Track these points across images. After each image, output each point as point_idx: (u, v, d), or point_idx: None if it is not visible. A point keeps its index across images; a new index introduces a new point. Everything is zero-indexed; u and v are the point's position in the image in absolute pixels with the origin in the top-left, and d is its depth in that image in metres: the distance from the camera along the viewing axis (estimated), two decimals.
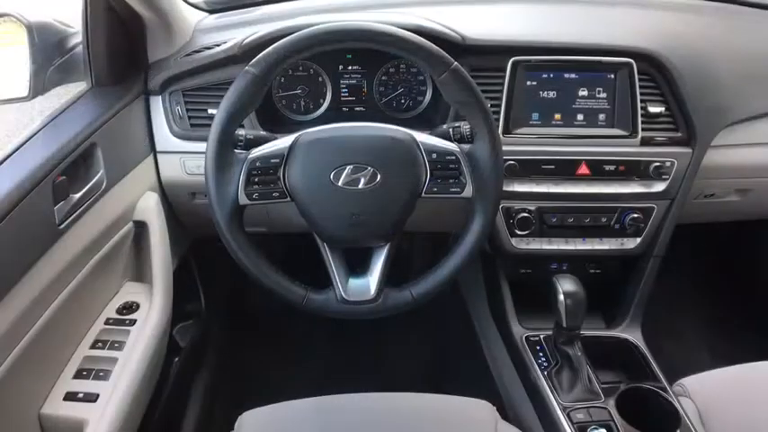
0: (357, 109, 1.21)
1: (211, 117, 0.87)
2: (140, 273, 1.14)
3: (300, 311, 0.93)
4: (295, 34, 0.85)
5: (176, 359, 1.37)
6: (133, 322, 1.04)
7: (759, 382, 1.07)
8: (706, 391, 1.07)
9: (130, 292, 1.11)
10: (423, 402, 1.01)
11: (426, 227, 1.33)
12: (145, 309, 1.07)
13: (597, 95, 1.15)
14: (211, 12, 1.36)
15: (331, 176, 0.85)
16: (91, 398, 0.91)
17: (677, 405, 1.04)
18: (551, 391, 1.07)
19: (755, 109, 1.25)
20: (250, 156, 0.86)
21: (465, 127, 0.94)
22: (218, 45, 1.17)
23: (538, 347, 1.18)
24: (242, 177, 0.85)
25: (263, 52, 0.85)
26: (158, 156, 1.16)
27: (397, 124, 0.91)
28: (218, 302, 1.63)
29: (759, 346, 1.28)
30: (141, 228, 1.11)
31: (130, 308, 1.07)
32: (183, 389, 1.43)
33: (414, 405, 1.00)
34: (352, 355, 1.71)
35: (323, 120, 1.13)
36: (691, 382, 1.09)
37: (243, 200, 0.86)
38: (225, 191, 0.86)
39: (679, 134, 1.17)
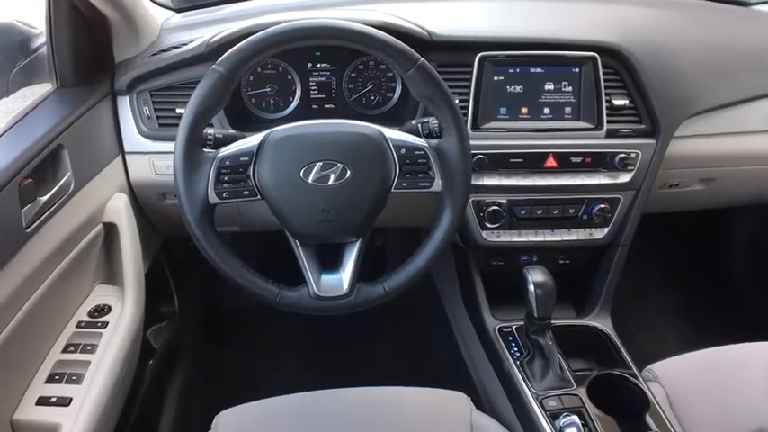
0: (327, 106, 1.21)
1: (180, 117, 0.86)
2: (111, 275, 1.14)
3: (275, 309, 0.93)
4: (262, 32, 0.85)
5: (150, 361, 1.36)
6: (105, 325, 1.04)
7: (725, 365, 1.11)
8: (674, 375, 1.10)
9: (102, 294, 1.10)
10: (398, 395, 1.02)
11: (399, 222, 1.35)
12: (117, 311, 1.07)
13: (563, 89, 1.17)
14: (178, 10, 1.35)
15: (301, 173, 0.86)
16: (64, 402, 0.91)
17: (646, 390, 1.06)
18: (524, 380, 1.08)
19: (717, 100, 1.28)
20: (219, 154, 0.86)
21: (433, 122, 0.96)
22: (185, 44, 1.16)
23: (510, 338, 1.19)
24: (211, 176, 0.85)
25: (230, 51, 0.85)
26: (127, 156, 1.15)
27: (367, 121, 0.92)
28: (191, 303, 1.62)
29: (725, 330, 1.32)
30: (111, 229, 1.10)
31: (102, 310, 1.06)
32: (158, 390, 1.42)
33: (389, 398, 1.01)
34: (328, 352, 1.71)
35: (293, 117, 1.14)
36: (659, 367, 1.11)
37: (213, 199, 0.86)
38: (194, 190, 0.86)
39: (643, 126, 1.20)
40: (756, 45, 1.39)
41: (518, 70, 1.17)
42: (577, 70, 1.17)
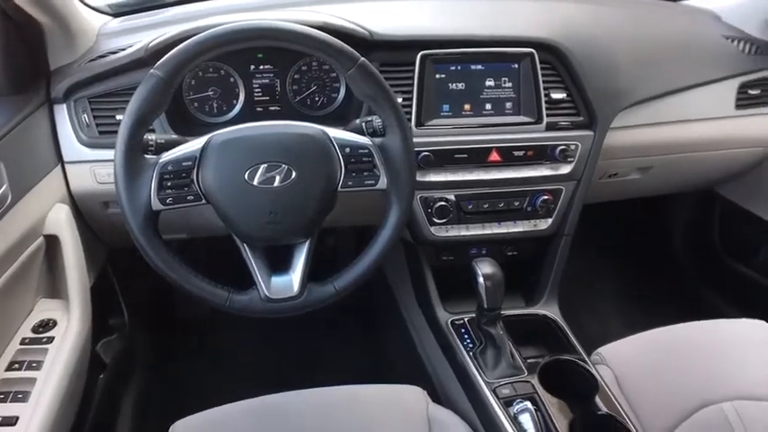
0: (271, 108, 1.20)
1: (120, 123, 0.85)
2: (55, 288, 1.10)
3: (228, 316, 0.93)
4: (200, 35, 0.84)
5: (101, 375, 1.33)
6: (51, 340, 1.00)
7: (668, 345, 1.15)
8: (621, 358, 1.13)
9: (46, 309, 1.07)
10: (354, 394, 1.02)
11: (348, 221, 1.35)
12: (62, 325, 1.04)
13: (503, 85, 1.20)
14: (116, 15, 1.32)
15: (245, 176, 0.86)
16: (10, 421, 0.87)
17: (595, 373, 1.10)
18: (477, 371, 1.10)
19: (650, 91, 1.33)
20: (161, 160, 0.85)
21: (377, 121, 0.97)
22: (123, 49, 1.14)
23: (462, 330, 1.21)
24: (154, 182, 0.84)
25: (168, 54, 0.84)
26: (66, 166, 1.12)
27: (313, 122, 0.92)
28: (141, 313, 1.59)
29: (667, 311, 1.37)
30: (53, 242, 1.07)
31: (47, 325, 1.03)
32: (111, 405, 1.39)
33: (346, 397, 1.02)
34: (283, 355, 1.70)
35: (237, 120, 1.12)
36: (607, 350, 1.15)
37: (156, 205, 0.85)
38: (137, 198, 0.84)
39: (581, 118, 1.24)
40: (685, 38, 1.45)
41: (459, 67, 1.19)
42: (516, 66, 1.20)
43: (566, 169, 1.23)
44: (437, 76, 1.18)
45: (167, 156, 0.86)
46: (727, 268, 1.83)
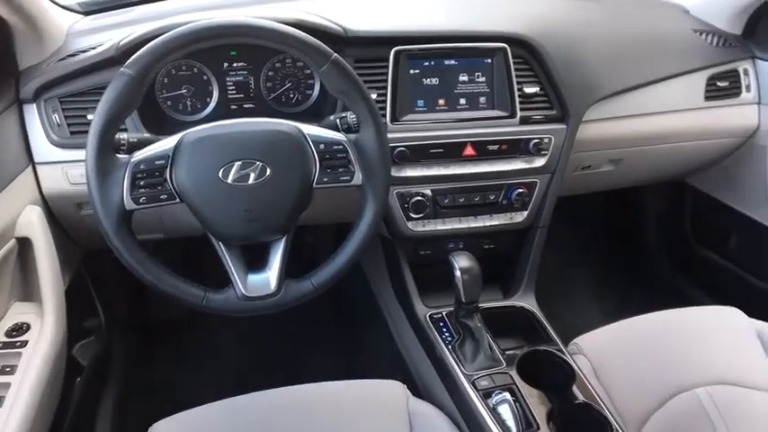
0: (246, 106, 1.20)
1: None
2: (29, 292, 1.08)
3: (206, 316, 0.92)
4: (170, 32, 0.84)
5: (78, 379, 1.32)
6: (24, 344, 0.99)
7: (643, 332, 1.17)
8: (597, 347, 1.15)
9: (19, 312, 1.05)
10: (334, 390, 1.03)
11: (326, 218, 1.36)
12: (36, 329, 1.02)
13: (477, 80, 1.21)
14: (86, 13, 1.31)
15: (220, 174, 0.85)
16: None
17: (572, 363, 1.11)
18: (456, 363, 1.11)
19: (621, 84, 1.35)
20: (133, 159, 0.85)
21: (351, 117, 0.97)
22: (93, 48, 1.12)
23: (441, 324, 1.22)
24: (126, 182, 0.83)
25: (138, 52, 0.83)
26: (37, 167, 1.10)
27: (288, 119, 0.92)
28: (118, 315, 1.57)
29: (642, 300, 1.40)
30: (25, 244, 1.05)
31: (20, 329, 1.01)
32: (89, 408, 1.37)
33: (326, 394, 1.02)
34: (263, 353, 1.70)
35: (211, 118, 1.11)
36: (584, 340, 1.17)
37: (129, 205, 0.84)
38: (109, 197, 0.83)
39: (554, 112, 1.25)
40: (655, 32, 1.48)
41: (433, 63, 1.19)
42: (489, 61, 1.21)
43: (540, 162, 1.25)
44: (411, 71, 1.18)
45: (139, 155, 0.85)
46: (699, 257, 1.86)
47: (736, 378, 1.05)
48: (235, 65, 1.18)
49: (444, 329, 1.20)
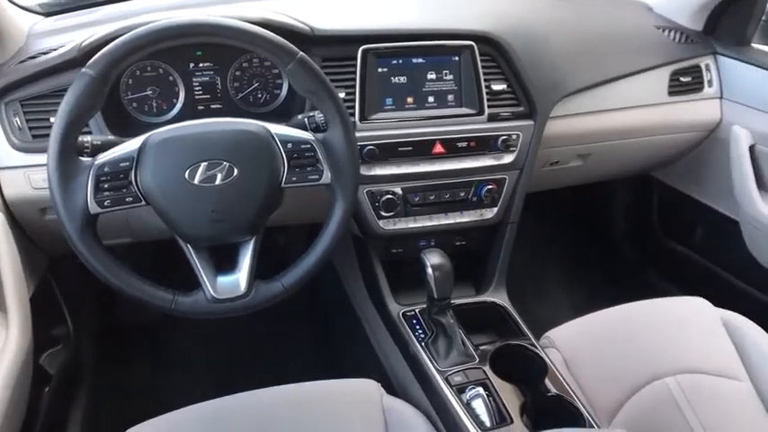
0: (213, 107, 1.19)
1: None
2: None
3: (178, 319, 0.91)
4: (133, 32, 0.83)
5: (47, 389, 1.29)
6: None
7: (613, 325, 1.19)
8: (569, 340, 1.16)
9: None
10: (308, 390, 1.02)
11: (298, 219, 1.35)
12: (1, 339, 1.00)
13: (444, 78, 1.22)
14: (47, 14, 1.28)
15: (186, 175, 0.84)
16: None
17: (544, 356, 1.12)
18: (429, 360, 1.11)
19: (587, 80, 1.37)
20: (96, 162, 0.83)
21: (319, 116, 0.97)
22: (55, 49, 1.10)
23: (414, 321, 1.22)
24: (90, 185, 0.82)
25: (100, 53, 0.82)
26: None
27: (256, 119, 0.91)
28: (87, 321, 1.55)
29: (612, 293, 1.42)
30: None
31: None
32: (58, 419, 1.35)
33: (300, 394, 1.01)
34: (237, 355, 1.69)
35: (178, 120, 1.09)
36: (555, 333, 1.18)
37: (94, 208, 0.82)
38: (73, 201, 0.82)
39: (521, 108, 1.26)
40: (619, 30, 1.51)
41: (401, 61, 1.19)
42: (457, 59, 1.22)
43: (508, 159, 1.26)
44: (379, 70, 1.18)
45: (103, 157, 0.84)
46: (667, 249, 1.90)
47: (703, 366, 1.07)
48: (201, 65, 1.17)
49: (417, 327, 1.20)
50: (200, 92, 1.18)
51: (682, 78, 1.50)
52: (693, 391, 1.03)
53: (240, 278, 0.90)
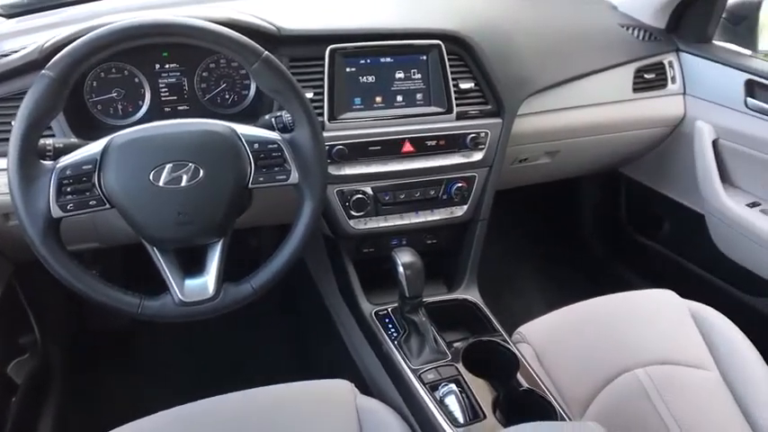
0: (180, 108, 1.17)
1: None
2: None
3: (149, 324, 0.90)
4: (93, 32, 0.81)
5: (14, 399, 1.26)
6: None
7: (583, 318, 1.20)
8: (540, 334, 1.17)
9: None
10: (281, 392, 1.01)
11: (269, 221, 1.34)
12: None
13: (413, 77, 1.22)
14: (8, 16, 1.26)
15: (150, 177, 0.83)
16: None
17: (516, 351, 1.13)
18: (402, 358, 1.11)
19: (553, 78, 1.39)
20: (58, 165, 0.82)
21: (286, 116, 0.96)
22: (16, 51, 1.08)
23: (387, 320, 1.22)
24: (52, 188, 0.81)
25: (60, 54, 0.81)
26: None
27: (224, 120, 0.90)
28: (55, 329, 1.52)
29: (583, 287, 1.44)
30: None
31: None
32: (26, 428, 1.32)
33: (273, 397, 1.00)
34: (210, 359, 1.67)
35: (144, 122, 1.07)
36: (527, 329, 1.19)
37: (56, 212, 0.81)
38: (34, 206, 0.80)
39: (489, 107, 1.27)
40: (584, 28, 1.53)
41: (369, 61, 1.20)
42: (424, 58, 1.22)
43: (477, 156, 1.26)
44: (347, 69, 1.18)
45: (65, 160, 0.82)
46: (635, 243, 1.93)
47: (672, 357, 1.09)
48: (167, 66, 1.16)
49: (390, 326, 1.21)
50: (167, 93, 1.16)
51: (646, 75, 1.53)
52: (663, 381, 1.05)
53: (208, 281, 0.89)
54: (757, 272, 1.46)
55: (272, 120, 0.98)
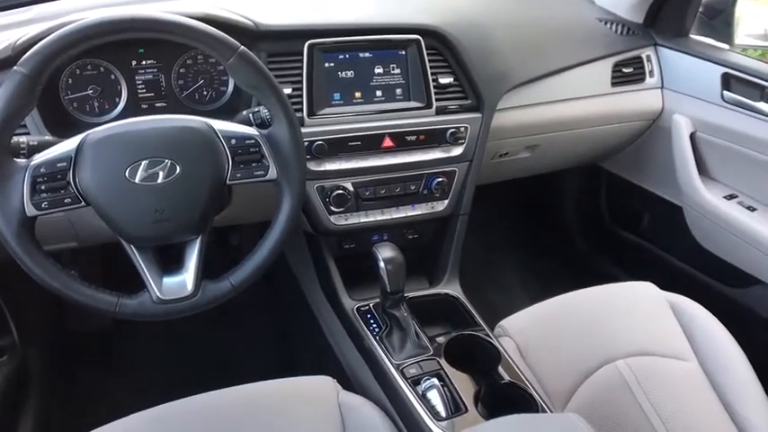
0: (158, 105, 1.16)
1: None
2: None
3: (130, 323, 0.89)
4: (65, 28, 0.80)
5: None
6: None
7: (564, 311, 1.21)
8: (521, 328, 1.18)
9: None
10: (263, 390, 1.01)
11: (250, 218, 1.33)
12: None
13: (392, 72, 1.22)
14: None
15: (126, 174, 0.82)
16: None
17: (497, 345, 1.13)
18: (384, 354, 1.11)
19: (532, 72, 1.40)
20: (32, 162, 0.80)
21: (264, 111, 0.96)
22: None
23: (368, 315, 1.22)
24: (26, 186, 0.79)
25: (31, 50, 0.79)
26: None
27: (203, 116, 0.90)
28: (34, 330, 1.50)
29: (564, 280, 1.44)
30: None
31: None
32: (6, 431, 1.30)
33: (255, 395, 1.00)
34: (192, 358, 1.66)
35: (121, 119, 1.08)
36: (509, 322, 1.19)
37: (31, 211, 0.80)
38: (8, 204, 0.79)
39: (468, 101, 1.27)
40: (562, 22, 1.54)
41: (348, 56, 1.19)
42: (404, 53, 1.22)
43: (457, 151, 1.27)
44: (326, 64, 1.18)
45: (39, 157, 0.81)
46: (615, 236, 1.95)
47: (652, 349, 1.10)
48: (144, 63, 1.14)
49: (372, 321, 1.20)
50: (144, 90, 1.15)
51: (624, 69, 1.54)
52: (643, 372, 1.06)
53: (187, 278, 0.88)
54: (734, 263, 1.48)
55: (250, 115, 0.97)
